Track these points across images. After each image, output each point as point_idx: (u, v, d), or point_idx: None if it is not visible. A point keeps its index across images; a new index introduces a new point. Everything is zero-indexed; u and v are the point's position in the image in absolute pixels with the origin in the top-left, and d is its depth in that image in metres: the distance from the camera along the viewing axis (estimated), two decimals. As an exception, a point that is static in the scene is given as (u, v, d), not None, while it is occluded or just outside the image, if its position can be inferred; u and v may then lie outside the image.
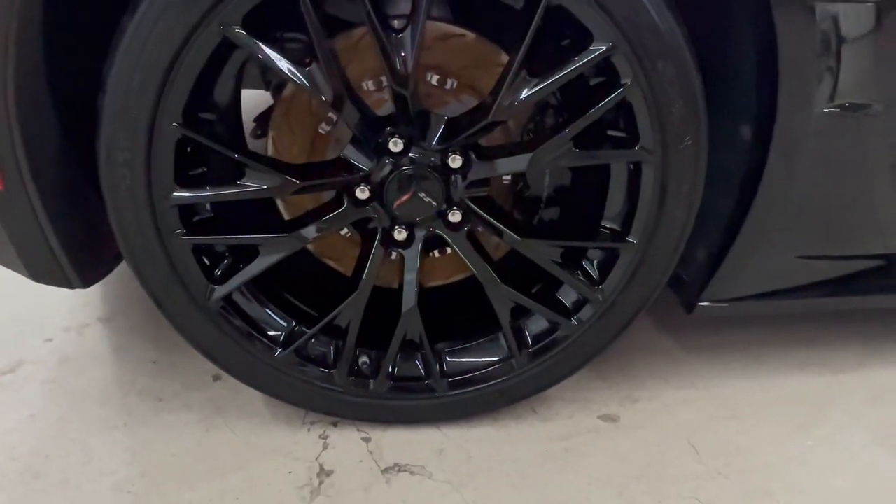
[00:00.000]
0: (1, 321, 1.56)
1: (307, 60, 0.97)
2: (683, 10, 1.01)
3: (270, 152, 1.20)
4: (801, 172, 1.13)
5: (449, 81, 1.16)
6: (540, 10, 0.94)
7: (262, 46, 0.94)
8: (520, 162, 1.08)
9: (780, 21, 0.98)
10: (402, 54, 0.97)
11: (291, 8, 0.93)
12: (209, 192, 1.03)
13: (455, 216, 1.15)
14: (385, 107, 1.13)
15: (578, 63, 0.99)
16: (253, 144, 1.25)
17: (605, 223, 1.19)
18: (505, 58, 1.13)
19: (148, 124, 0.95)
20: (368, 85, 1.15)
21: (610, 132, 1.10)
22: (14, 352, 1.47)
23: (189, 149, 1.02)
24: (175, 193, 1.01)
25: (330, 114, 1.16)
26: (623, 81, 1.01)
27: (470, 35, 1.15)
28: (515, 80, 1.00)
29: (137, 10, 0.89)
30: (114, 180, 0.99)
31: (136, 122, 0.95)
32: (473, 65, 1.16)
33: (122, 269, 1.25)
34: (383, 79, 1.14)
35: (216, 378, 1.40)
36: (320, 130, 1.19)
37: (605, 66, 1.01)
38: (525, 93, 1.01)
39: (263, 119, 1.27)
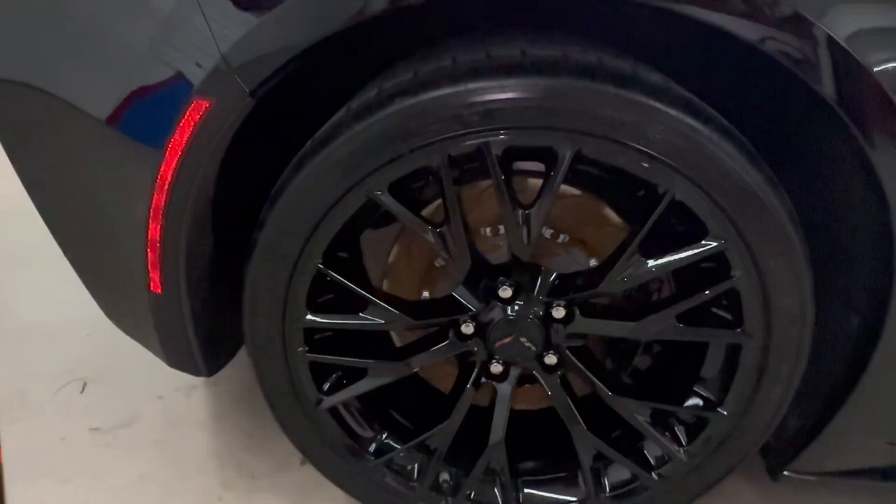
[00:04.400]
0: (122, 372, 1.74)
1: (440, 222, 1.08)
2: (797, 200, 1.06)
3: (387, 278, 1.31)
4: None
5: (561, 236, 1.24)
6: (663, 203, 1.00)
7: (404, 210, 1.06)
8: (621, 329, 1.14)
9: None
10: (528, 229, 1.05)
11: (427, 172, 1.04)
12: (334, 321, 1.15)
13: (551, 360, 1.22)
14: (499, 252, 1.22)
15: (690, 254, 1.04)
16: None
17: (699, 388, 1.22)
18: (617, 219, 1.20)
19: (294, 261, 1.07)
20: (486, 231, 1.24)
21: (714, 309, 1.13)
22: (132, 405, 1.64)
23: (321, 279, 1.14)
24: (306, 317, 1.13)
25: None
26: (734, 273, 1.05)
27: (586, 195, 1.22)
28: (629, 260, 1.06)
29: (302, 170, 1.02)
30: (256, 302, 1.12)
31: (285, 259, 1.08)
32: (586, 222, 1.23)
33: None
34: (501, 227, 1.23)
35: (303, 462, 1.50)
36: (436, 264, 1.29)
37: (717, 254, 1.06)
38: (636, 272, 1.07)
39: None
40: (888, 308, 1.07)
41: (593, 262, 1.24)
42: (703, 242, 1.03)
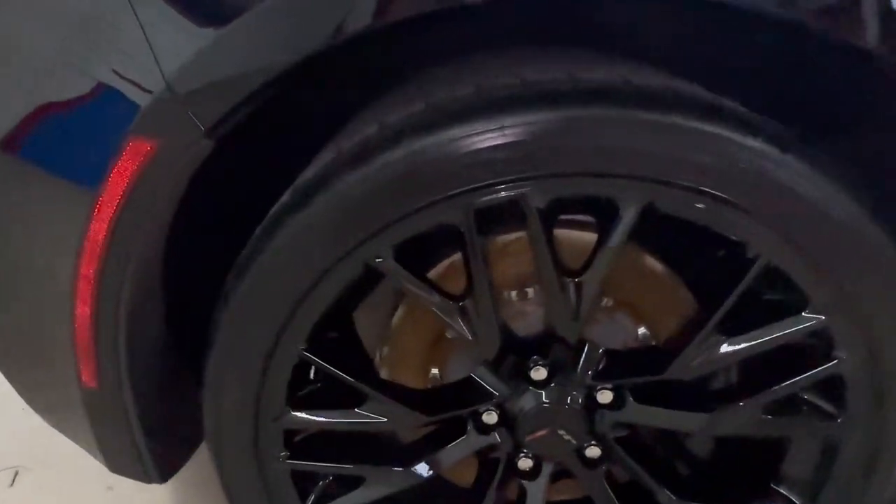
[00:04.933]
0: (63, 457, 1.45)
1: (461, 295, 0.83)
2: None
3: (385, 355, 1.06)
4: None
5: (604, 299, 1.01)
6: (754, 271, 0.77)
7: (416, 282, 0.81)
8: (689, 421, 0.90)
9: None
10: (577, 302, 0.82)
11: (444, 229, 0.80)
12: (324, 419, 0.89)
13: (593, 452, 0.97)
14: (527, 322, 0.98)
15: (784, 332, 0.81)
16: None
17: (780, 486, 0.98)
18: (673, 278, 0.97)
19: (269, 348, 0.82)
20: (511, 295, 1.00)
21: (805, 395, 0.91)
22: (75, 499, 1.36)
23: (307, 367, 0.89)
24: (287, 416, 0.88)
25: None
26: (837, 354, 0.82)
27: (632, 247, 0.99)
28: (706, 340, 0.83)
29: (279, 230, 0.77)
30: (221, 398, 0.86)
31: (257, 345, 0.82)
32: (634, 282, 1.00)
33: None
34: (530, 290, 0.99)
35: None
36: (448, 335, 1.05)
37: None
38: (712, 356, 0.83)
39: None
40: None
41: (642, 331, 1.01)
42: (801, 317, 0.80)
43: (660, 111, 0.71)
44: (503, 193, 0.74)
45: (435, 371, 1.06)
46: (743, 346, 0.82)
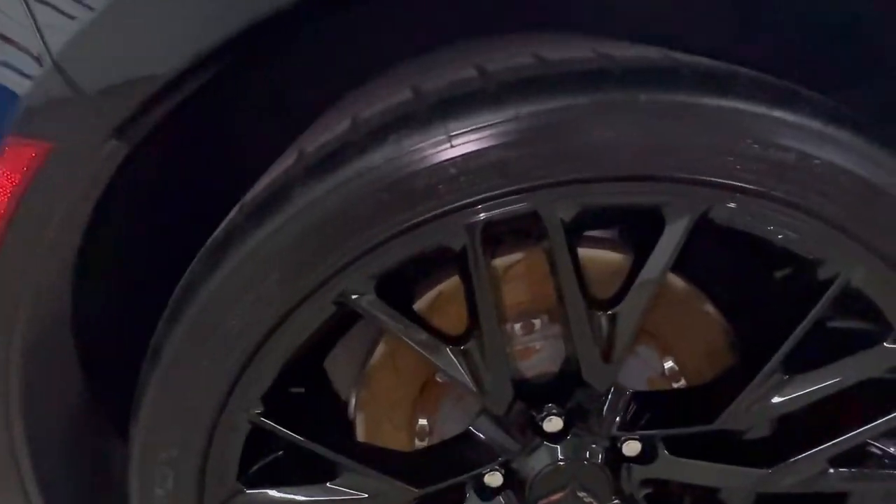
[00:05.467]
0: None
1: (460, 336, 0.65)
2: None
3: (361, 402, 0.87)
4: None
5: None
6: (832, 292, 0.61)
7: (407, 323, 0.63)
8: (739, 477, 0.73)
9: None
10: (609, 341, 0.65)
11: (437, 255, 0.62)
12: (288, 497, 0.69)
13: (622, 512, 0.81)
14: (535, 361, 0.81)
15: (862, 369, 0.65)
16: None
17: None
18: (699, 302, 0.82)
19: (213, 416, 0.62)
20: (515, 329, 0.83)
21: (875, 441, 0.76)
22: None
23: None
24: (240, 497, 0.67)
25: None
26: (920, 394, 0.68)
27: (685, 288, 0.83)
28: (766, 381, 0.66)
29: (224, 262, 0.58)
30: (149, 483, 0.66)
31: (196, 412, 0.63)
32: (658, 308, 0.84)
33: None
34: (537, 321, 0.83)
35: None
36: (438, 378, 0.87)
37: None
38: (777, 399, 0.67)
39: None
40: None
41: (669, 365, 0.85)
42: (885, 347, 0.65)
43: (717, 93, 0.55)
44: (519, 205, 0.56)
45: (423, 422, 0.88)
46: (816, 387, 0.67)
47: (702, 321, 0.81)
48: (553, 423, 0.76)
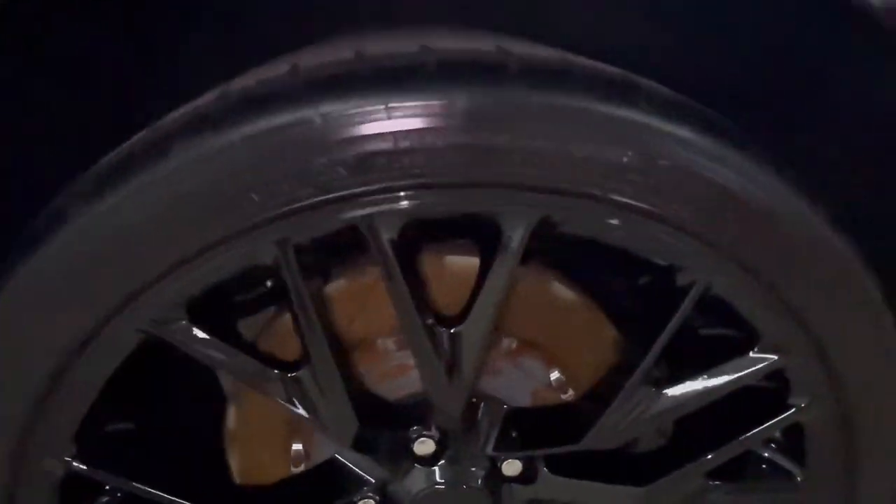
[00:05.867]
0: None
1: (293, 363, 0.58)
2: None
3: (233, 427, 0.80)
4: None
5: (505, 340, 0.80)
6: (688, 302, 0.57)
7: (217, 346, 0.55)
8: (619, 497, 0.69)
9: None
10: (456, 363, 0.59)
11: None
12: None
13: (506, 536, 0.77)
14: (412, 379, 0.76)
15: (731, 379, 0.61)
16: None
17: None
18: (589, 312, 0.77)
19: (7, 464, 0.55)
20: (384, 344, 0.78)
21: (764, 453, 0.72)
22: None
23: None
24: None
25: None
26: (794, 402, 0.63)
27: (538, 273, 0.78)
28: (633, 396, 0.62)
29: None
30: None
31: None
32: (541, 314, 0.79)
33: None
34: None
35: None
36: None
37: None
38: (645, 413, 0.62)
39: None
40: None
41: (555, 376, 0.80)
42: (750, 356, 0.61)
43: (550, 90, 0.50)
44: (342, 216, 0.50)
45: (298, 447, 0.82)
46: (683, 393, 0.62)
47: (588, 330, 0.76)
48: (425, 446, 0.71)
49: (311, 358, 0.57)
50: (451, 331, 0.57)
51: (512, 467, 0.73)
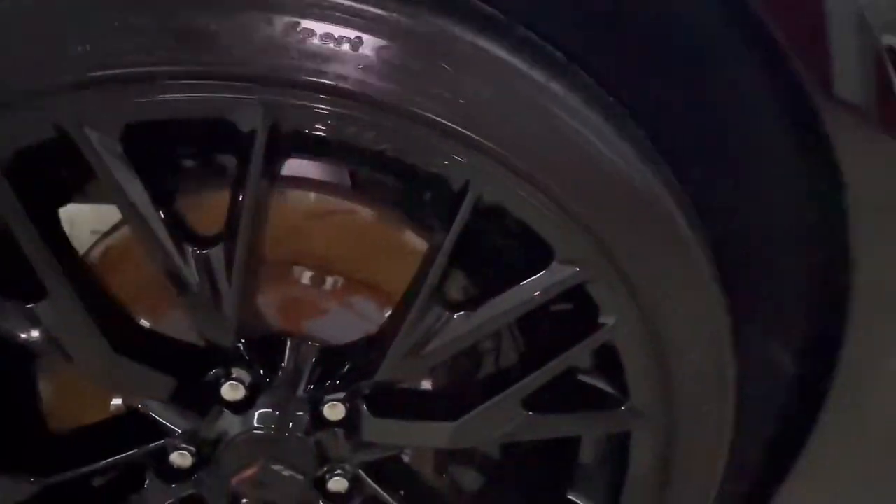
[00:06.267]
0: None
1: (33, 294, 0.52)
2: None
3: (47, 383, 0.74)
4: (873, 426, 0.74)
5: (330, 280, 0.75)
6: (464, 210, 0.52)
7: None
8: (434, 434, 0.65)
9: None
10: (211, 281, 0.53)
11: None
12: None
13: (337, 485, 0.72)
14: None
15: (528, 298, 0.57)
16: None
17: (574, 495, 0.77)
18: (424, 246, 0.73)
19: None
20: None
21: (581, 377, 0.69)
22: None
23: None
24: None
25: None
26: (603, 320, 0.60)
27: (365, 211, 0.74)
28: (423, 318, 0.57)
29: None
30: None
31: None
32: (372, 253, 0.75)
33: None
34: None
35: None
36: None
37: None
38: (440, 342, 0.58)
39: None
40: (842, 340, 0.68)
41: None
42: (548, 272, 0.56)
43: None
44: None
45: (118, 402, 0.77)
46: (474, 318, 0.57)
47: (403, 258, 0.72)
48: (235, 391, 0.67)
49: (48, 289, 0.51)
50: (203, 252, 0.52)
51: (335, 411, 0.69)
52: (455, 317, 0.58)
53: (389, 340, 0.59)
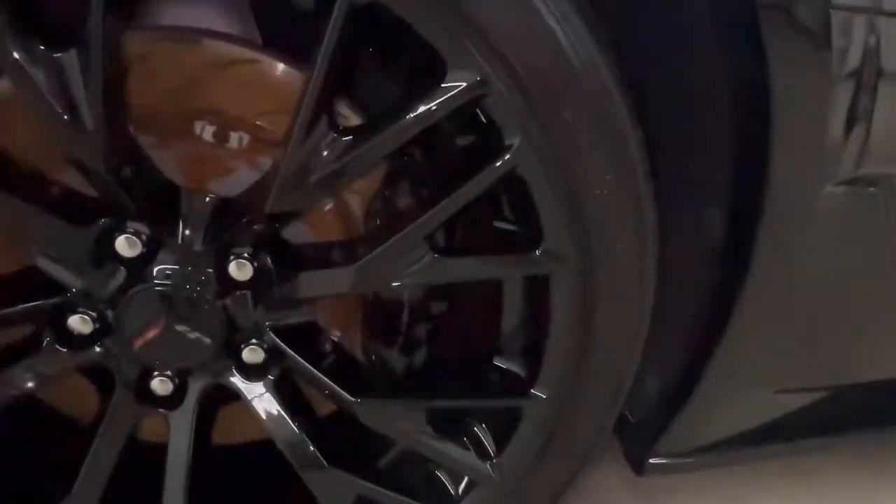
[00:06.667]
0: None
1: None
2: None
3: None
4: (803, 269, 0.71)
5: (235, 136, 0.71)
6: (336, 13, 0.48)
7: None
8: (335, 280, 0.62)
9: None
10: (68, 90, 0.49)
11: None
12: None
13: (253, 355, 0.70)
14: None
15: (419, 112, 0.52)
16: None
17: (500, 361, 0.75)
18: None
19: None
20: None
21: (497, 223, 0.66)
22: None
23: None
24: None
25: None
26: (508, 142, 0.56)
27: (269, 61, 0.70)
28: (307, 142, 0.53)
29: None
30: None
31: None
32: (278, 108, 0.71)
33: None
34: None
35: None
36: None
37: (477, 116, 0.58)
38: (322, 171, 0.54)
39: None
40: (762, 199, 0.64)
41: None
42: (443, 87, 0.51)
43: None
44: None
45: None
46: (366, 145, 0.53)
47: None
48: (130, 245, 0.63)
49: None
50: (55, 56, 0.48)
51: (242, 271, 0.66)
52: (343, 139, 0.54)
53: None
